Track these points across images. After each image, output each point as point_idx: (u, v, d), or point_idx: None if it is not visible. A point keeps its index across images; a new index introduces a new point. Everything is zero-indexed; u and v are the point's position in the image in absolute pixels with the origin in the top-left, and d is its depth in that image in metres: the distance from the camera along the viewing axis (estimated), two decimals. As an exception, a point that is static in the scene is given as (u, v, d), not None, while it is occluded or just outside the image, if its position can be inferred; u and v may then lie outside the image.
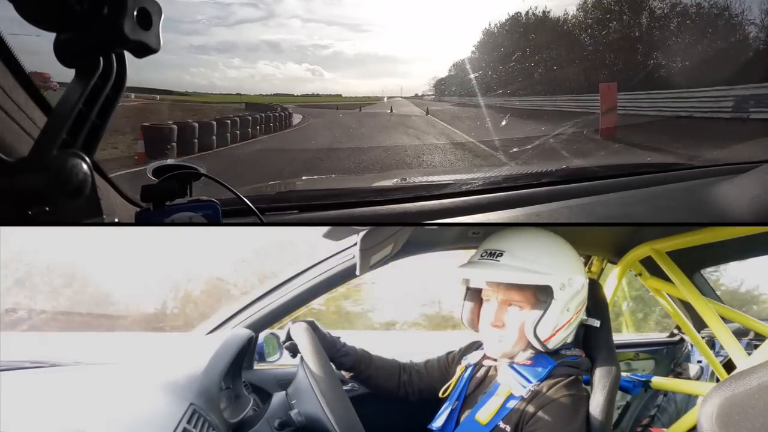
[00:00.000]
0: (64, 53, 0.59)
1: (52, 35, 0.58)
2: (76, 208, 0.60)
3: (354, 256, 1.05)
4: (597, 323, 1.11)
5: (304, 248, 1.48)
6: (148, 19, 0.59)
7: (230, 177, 1.01)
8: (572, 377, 1.02)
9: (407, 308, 2.22)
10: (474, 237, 1.21)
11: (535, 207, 1.44)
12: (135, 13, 0.57)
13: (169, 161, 0.96)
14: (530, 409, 0.98)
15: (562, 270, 1.04)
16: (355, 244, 0.99)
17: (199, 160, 1.02)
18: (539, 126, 10.22)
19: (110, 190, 1.15)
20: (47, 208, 0.57)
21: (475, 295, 1.14)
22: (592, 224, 1.40)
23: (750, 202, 1.47)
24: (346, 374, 1.25)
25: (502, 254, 1.05)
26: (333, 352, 1.19)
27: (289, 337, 1.15)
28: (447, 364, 1.24)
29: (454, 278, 1.16)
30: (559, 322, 1.03)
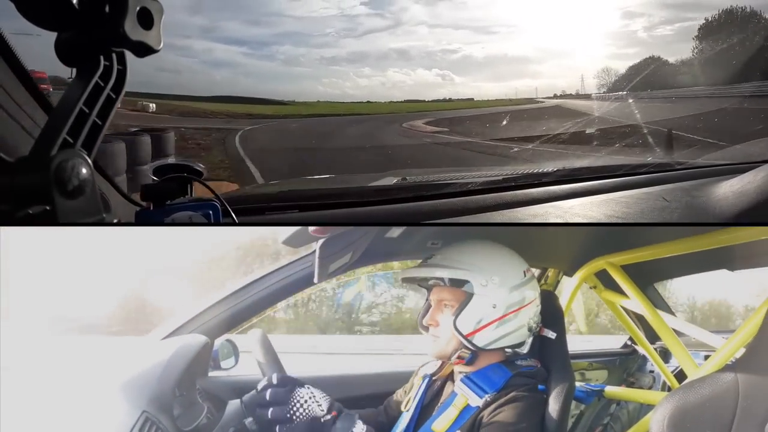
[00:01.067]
0: (65, 52, 0.59)
1: (53, 34, 0.58)
2: (76, 207, 0.60)
3: (312, 264, 1.04)
4: (553, 335, 1.12)
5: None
6: (149, 19, 0.59)
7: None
8: (528, 386, 1.02)
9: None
10: (432, 247, 1.21)
11: (534, 207, 1.44)
12: (136, 12, 0.57)
13: (170, 160, 0.96)
14: (485, 416, 0.99)
15: (485, 267, 1.05)
16: (314, 251, 0.98)
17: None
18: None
19: (111, 189, 1.15)
20: (47, 208, 0.57)
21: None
22: (592, 224, 1.40)
23: (750, 201, 1.48)
24: None
25: (432, 257, 1.10)
26: None
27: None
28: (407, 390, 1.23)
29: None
30: (485, 318, 1.03)
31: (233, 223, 1.16)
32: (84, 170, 0.60)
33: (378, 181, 1.72)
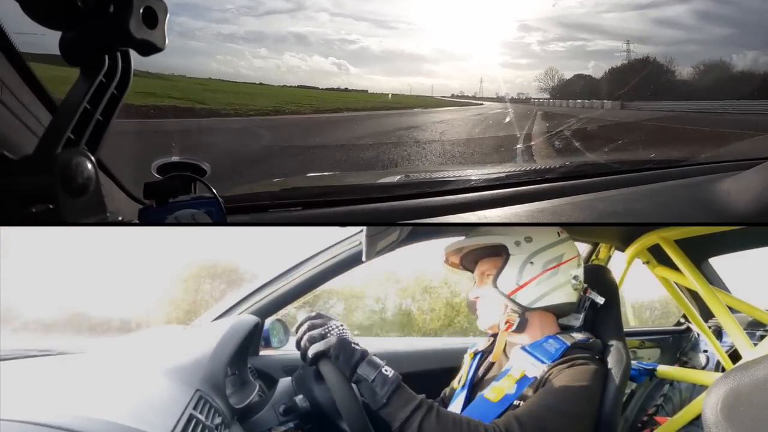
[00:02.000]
0: (69, 52, 0.59)
1: (58, 34, 0.58)
2: (81, 205, 0.60)
3: (360, 242, 1.05)
4: (600, 299, 1.12)
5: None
6: (153, 18, 0.59)
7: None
8: (587, 357, 1.02)
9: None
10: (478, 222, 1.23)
11: (537, 204, 1.44)
12: (141, 11, 0.57)
13: (174, 158, 0.97)
14: (546, 382, 0.98)
15: (518, 230, 1.09)
16: (362, 230, 0.99)
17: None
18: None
19: (114, 187, 1.15)
20: (51, 206, 0.57)
21: None
22: (592, 224, 1.40)
23: (753, 199, 1.47)
24: None
25: (467, 234, 1.16)
26: None
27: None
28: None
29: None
30: (524, 276, 1.06)
31: (236, 222, 1.16)
32: (88, 168, 0.60)
33: (381, 178, 1.71)
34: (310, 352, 0.94)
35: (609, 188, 1.60)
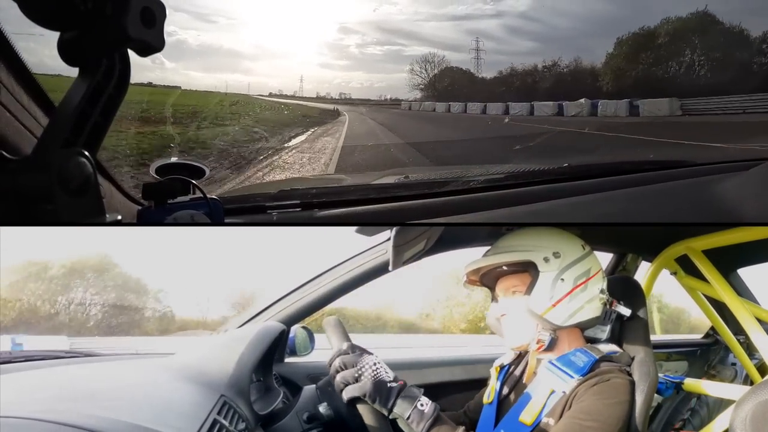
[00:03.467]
0: (67, 52, 0.59)
1: (56, 34, 0.58)
2: (79, 206, 0.60)
3: (387, 252, 1.05)
4: (627, 311, 1.11)
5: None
6: (151, 18, 0.59)
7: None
8: (615, 369, 1.01)
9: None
10: (507, 233, 1.21)
11: (537, 204, 1.43)
12: (139, 12, 0.57)
13: (173, 159, 0.97)
14: (576, 398, 0.97)
15: (543, 245, 1.06)
16: (389, 239, 0.99)
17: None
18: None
19: (113, 188, 1.15)
20: (49, 207, 0.57)
21: None
22: (592, 224, 1.40)
23: (753, 199, 1.47)
24: None
25: (488, 250, 1.13)
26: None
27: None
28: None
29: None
30: (556, 294, 1.03)
31: (234, 223, 1.16)
32: (86, 169, 0.60)
33: (380, 179, 1.71)
34: (345, 396, 0.94)
35: (609, 189, 1.60)
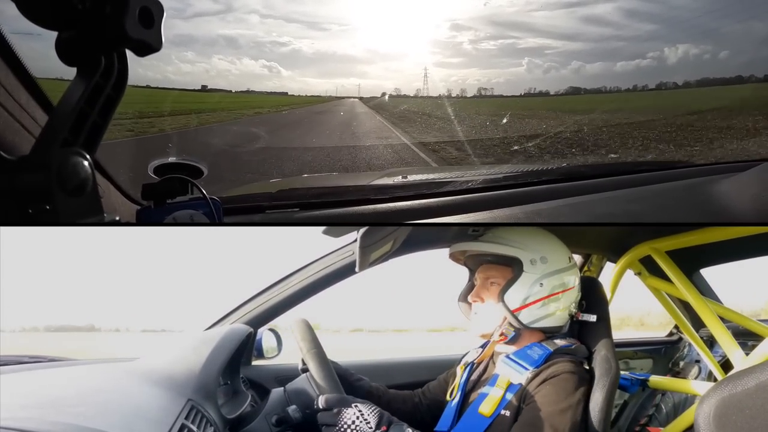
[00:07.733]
0: (66, 52, 0.59)
1: (55, 34, 0.58)
2: (78, 206, 0.60)
3: (353, 253, 1.05)
4: (593, 318, 1.13)
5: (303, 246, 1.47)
6: (149, 18, 0.59)
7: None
8: (568, 360, 1.03)
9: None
10: (474, 234, 1.22)
11: (535, 205, 1.44)
12: (137, 11, 0.57)
13: (171, 159, 0.97)
14: (530, 391, 1.00)
15: (534, 247, 1.09)
16: (355, 240, 0.99)
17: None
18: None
19: (111, 188, 1.15)
20: (48, 207, 0.57)
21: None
22: (592, 224, 1.40)
23: (750, 200, 1.47)
24: None
25: (483, 234, 1.16)
26: (348, 377, 1.20)
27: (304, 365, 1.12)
28: (447, 377, 1.25)
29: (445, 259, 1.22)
30: (531, 296, 1.07)
31: (233, 223, 1.16)
32: (85, 169, 0.60)
33: (378, 179, 1.71)
34: None
35: (607, 190, 1.60)
